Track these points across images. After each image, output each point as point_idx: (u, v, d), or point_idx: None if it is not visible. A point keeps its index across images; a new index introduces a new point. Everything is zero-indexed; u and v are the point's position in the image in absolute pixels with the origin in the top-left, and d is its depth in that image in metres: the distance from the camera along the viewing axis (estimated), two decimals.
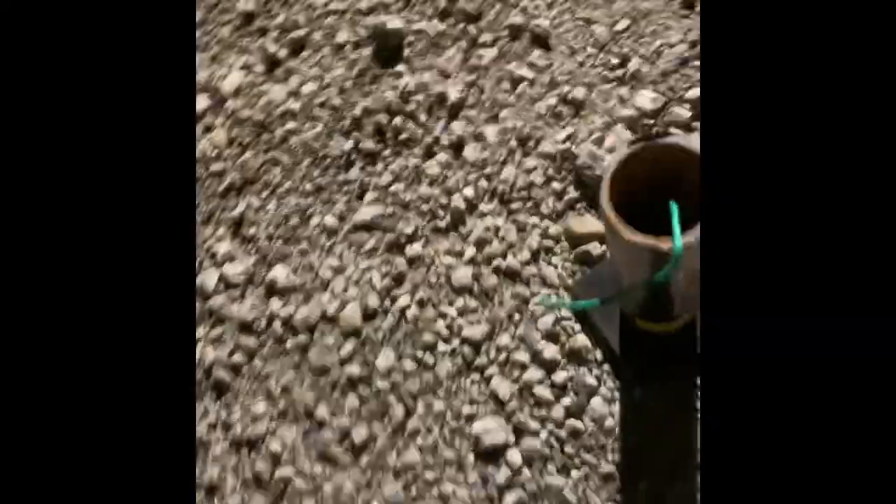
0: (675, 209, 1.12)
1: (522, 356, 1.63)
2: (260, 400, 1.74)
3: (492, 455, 1.60)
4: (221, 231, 1.87)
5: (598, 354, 1.59)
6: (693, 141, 1.15)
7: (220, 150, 1.92)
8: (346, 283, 1.78)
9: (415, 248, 1.77)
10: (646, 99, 1.73)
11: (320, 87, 1.94)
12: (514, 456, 1.58)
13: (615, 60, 1.78)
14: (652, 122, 1.71)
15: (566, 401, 1.58)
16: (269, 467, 1.68)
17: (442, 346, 1.69)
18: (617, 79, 1.77)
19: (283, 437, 1.70)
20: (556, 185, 1.72)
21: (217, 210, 1.88)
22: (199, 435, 1.72)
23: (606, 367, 1.58)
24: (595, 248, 1.65)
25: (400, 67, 1.90)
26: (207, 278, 1.82)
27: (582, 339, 1.60)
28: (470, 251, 1.73)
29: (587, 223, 1.67)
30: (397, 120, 1.85)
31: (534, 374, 1.61)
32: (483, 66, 1.85)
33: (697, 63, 1.73)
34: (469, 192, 1.77)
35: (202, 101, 1.98)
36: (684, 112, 1.69)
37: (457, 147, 1.81)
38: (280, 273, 1.80)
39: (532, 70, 1.83)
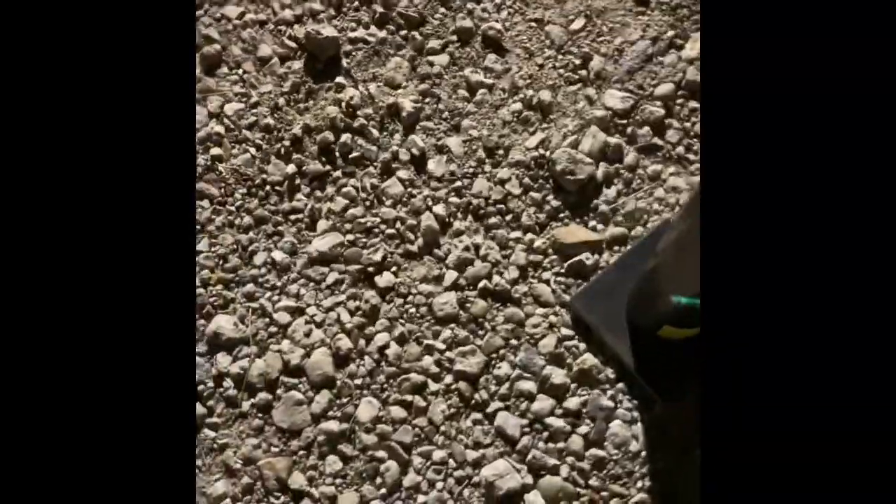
0: None
1: (528, 385, 1.49)
2: (217, 478, 1.46)
3: (509, 502, 1.43)
4: None
5: (610, 373, 1.48)
6: None
7: None
8: (309, 325, 1.55)
9: (386, 278, 1.58)
10: (615, 98, 1.67)
11: (247, 107, 1.72)
12: (535, 500, 1.42)
13: (576, 61, 1.72)
14: (625, 122, 1.65)
15: (583, 429, 1.45)
16: None
17: (433, 386, 1.51)
18: (581, 80, 1.70)
19: None
20: (534, 195, 1.61)
21: None
22: None
23: (620, 385, 1.48)
24: (588, 258, 1.55)
25: (340, 80, 1.73)
26: None
27: (590, 359, 1.49)
28: (450, 275, 1.57)
29: (576, 232, 1.57)
30: (345, 137, 1.67)
31: (543, 403, 1.47)
32: (435, 74, 1.72)
33: (662, 59, 1.70)
34: (440, 209, 1.61)
35: None
36: (657, 109, 1.65)
37: (419, 162, 1.66)
38: (224, 323, 1.54)
39: (489, 75, 1.72)
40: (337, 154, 1.68)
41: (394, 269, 1.59)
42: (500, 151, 1.66)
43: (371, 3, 1.81)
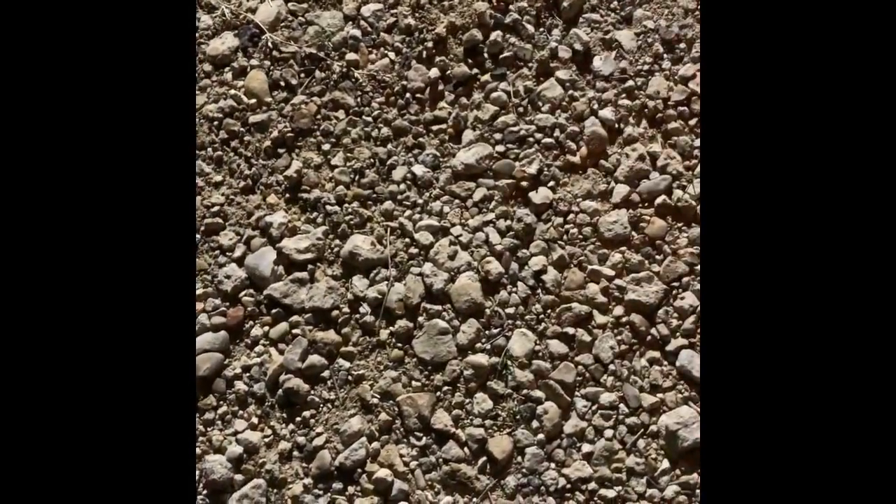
0: None
1: None
2: (352, 413, 1.35)
3: (695, 456, 1.22)
4: (272, 198, 1.48)
5: None
6: None
7: (260, 98, 1.54)
8: (454, 247, 1.40)
9: (542, 194, 1.39)
10: None
11: (386, 7, 1.57)
12: None
13: None
14: None
15: None
16: None
17: (599, 318, 1.32)
18: None
19: (392, 461, 1.30)
20: None
21: (263, 172, 1.50)
22: (270, 469, 1.32)
23: None
24: None
25: None
26: (260, 260, 1.43)
27: None
28: (621, 190, 1.37)
29: None
30: (495, 35, 1.49)
31: None
32: None
33: None
34: (607, 114, 1.41)
35: (229, 40, 1.61)
36: None
37: (582, 59, 1.45)
38: (360, 243, 1.42)
39: None
40: (486, 55, 1.50)
41: (552, 183, 1.41)
42: (682, 45, 1.43)
43: None
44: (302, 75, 1.55)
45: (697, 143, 1.36)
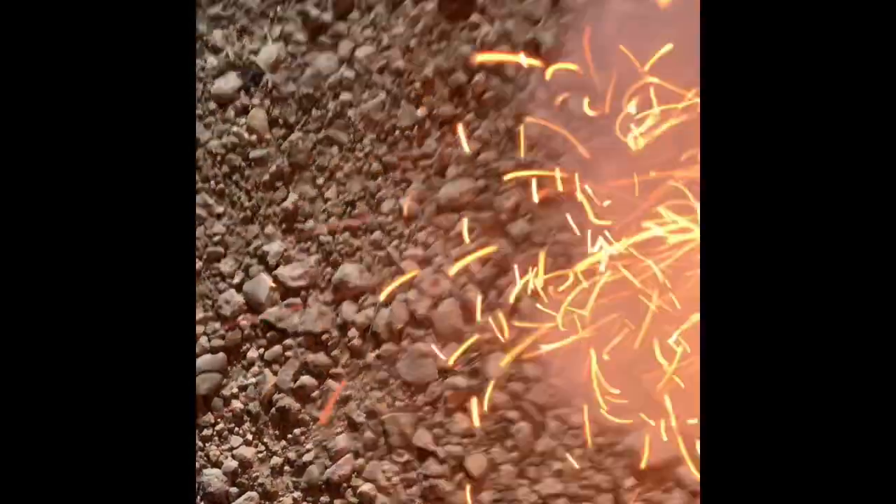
0: None
1: None
2: (340, 431, 1.44)
3: (657, 473, 1.30)
4: (270, 228, 1.59)
5: None
6: None
7: (261, 134, 1.66)
8: (437, 275, 1.49)
9: (520, 226, 1.49)
10: None
11: (378, 50, 1.69)
12: (687, 474, 1.28)
13: None
14: None
15: None
16: None
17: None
18: None
19: (375, 477, 1.39)
20: None
21: (262, 204, 1.61)
22: (263, 483, 1.41)
23: None
24: None
25: (474, 18, 1.66)
26: (258, 287, 1.54)
27: None
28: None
29: None
30: (479, 77, 1.60)
31: None
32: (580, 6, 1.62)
33: None
34: (582, 151, 1.50)
35: (232, 80, 1.73)
36: None
37: (562, 101, 1.55)
38: (350, 271, 1.52)
39: (643, 5, 1.59)
40: (469, 95, 1.61)
41: (529, 216, 1.50)
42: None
43: None
44: (299, 113, 1.67)
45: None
